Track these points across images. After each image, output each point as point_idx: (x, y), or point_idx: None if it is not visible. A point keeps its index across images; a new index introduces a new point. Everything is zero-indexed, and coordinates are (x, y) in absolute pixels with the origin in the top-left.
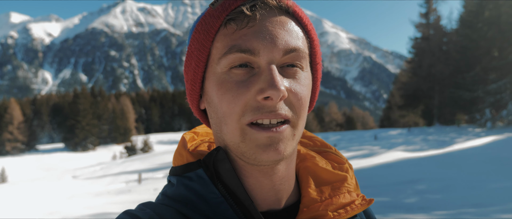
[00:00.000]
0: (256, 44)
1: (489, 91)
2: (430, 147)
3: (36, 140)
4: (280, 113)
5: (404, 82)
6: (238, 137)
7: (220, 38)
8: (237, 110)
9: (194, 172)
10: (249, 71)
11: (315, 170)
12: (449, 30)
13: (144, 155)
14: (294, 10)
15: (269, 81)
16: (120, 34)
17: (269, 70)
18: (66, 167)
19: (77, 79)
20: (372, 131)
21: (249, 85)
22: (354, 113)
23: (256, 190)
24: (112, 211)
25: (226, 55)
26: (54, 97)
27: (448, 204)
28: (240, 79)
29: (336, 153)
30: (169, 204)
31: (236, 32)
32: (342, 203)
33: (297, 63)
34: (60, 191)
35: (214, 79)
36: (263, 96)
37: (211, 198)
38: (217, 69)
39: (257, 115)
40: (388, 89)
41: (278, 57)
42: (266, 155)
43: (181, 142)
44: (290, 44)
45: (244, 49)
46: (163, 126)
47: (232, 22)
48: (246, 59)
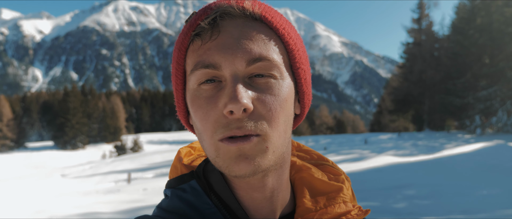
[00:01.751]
0: (218, 58)
1: (479, 98)
2: (420, 152)
3: (25, 138)
4: (246, 129)
5: (395, 87)
6: (213, 152)
7: (190, 55)
8: (209, 127)
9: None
10: (216, 85)
11: (311, 181)
12: (441, 36)
13: (133, 155)
14: (261, 15)
15: (230, 95)
16: (111, 32)
17: (231, 82)
18: (55, 166)
19: (67, 77)
20: (362, 135)
21: (216, 100)
22: (345, 116)
23: (248, 201)
24: (100, 211)
25: (193, 71)
26: (44, 94)
27: (436, 210)
28: (209, 94)
29: (333, 166)
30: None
31: (201, 47)
32: (338, 213)
33: (266, 73)
34: (48, 190)
35: (188, 96)
36: (227, 111)
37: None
38: (189, 85)
39: (226, 132)
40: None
41: (241, 68)
42: (237, 167)
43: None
44: (254, 53)
45: (207, 64)
46: (154, 126)
47: (197, 38)
48: (211, 74)
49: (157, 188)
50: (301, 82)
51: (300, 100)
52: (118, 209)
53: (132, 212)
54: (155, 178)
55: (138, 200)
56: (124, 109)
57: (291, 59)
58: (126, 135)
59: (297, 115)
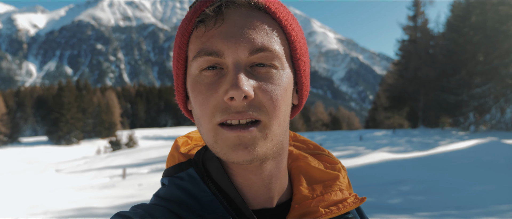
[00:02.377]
0: (221, 46)
1: (473, 95)
2: (414, 148)
3: (19, 133)
4: (247, 114)
5: (390, 84)
6: (211, 138)
7: (193, 41)
8: (208, 112)
9: (185, 171)
10: (218, 72)
11: (307, 169)
12: (436, 34)
13: (128, 150)
14: (265, 5)
15: (231, 82)
16: (107, 27)
17: (232, 70)
18: (49, 161)
19: (62, 72)
20: (357, 131)
21: (217, 87)
22: (340, 113)
23: (246, 188)
24: (95, 206)
25: (196, 58)
26: (38, 89)
27: (431, 205)
28: (210, 81)
29: (329, 155)
30: (161, 204)
31: (205, 34)
32: (334, 200)
33: (268, 63)
34: (43, 185)
35: (189, 81)
36: (227, 97)
37: (202, 196)
38: (191, 71)
39: (225, 115)
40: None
41: (243, 57)
42: (235, 155)
43: (174, 144)
44: (257, 44)
45: (210, 52)
46: (149, 122)
47: (201, 24)
48: (213, 61)
49: (152, 183)
50: (301, 73)
51: (299, 91)
52: (114, 204)
53: (127, 206)
54: (150, 174)
55: (133, 195)
56: (119, 104)
57: (292, 50)
58: (121, 131)
59: (294, 106)
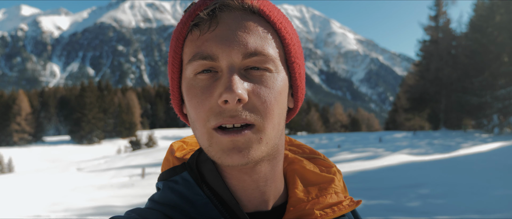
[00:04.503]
0: (216, 49)
1: (497, 97)
2: (435, 151)
3: (43, 132)
4: (241, 117)
5: (411, 85)
6: (206, 141)
7: (187, 44)
8: (203, 115)
9: (179, 175)
10: (212, 75)
11: (302, 172)
12: (458, 34)
13: (148, 150)
14: (260, 9)
15: (225, 85)
16: (128, 29)
17: (227, 74)
18: (71, 159)
19: (84, 73)
20: (377, 133)
21: (212, 90)
22: (359, 114)
23: (241, 191)
24: (114, 204)
25: (190, 62)
26: (61, 89)
27: (451, 209)
28: (204, 84)
29: (324, 159)
30: (156, 208)
31: (200, 37)
32: (329, 203)
33: (262, 66)
34: (64, 183)
35: (184, 85)
36: (221, 100)
37: (196, 199)
38: (186, 75)
39: (219, 119)
40: (394, 91)
41: (237, 60)
42: (230, 159)
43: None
44: (251, 47)
45: (205, 56)
46: (168, 122)
47: (196, 28)
48: (208, 65)
49: None
50: (296, 77)
51: (294, 94)
52: (132, 203)
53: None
54: None
55: (152, 194)
56: (139, 104)
57: (286, 53)
58: (141, 131)
59: (290, 109)
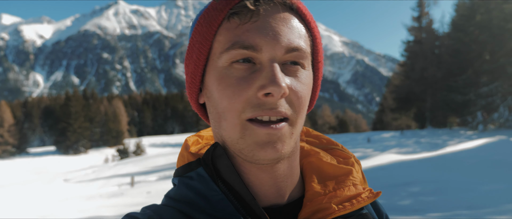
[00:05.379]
0: (259, 41)
1: (480, 94)
2: (423, 149)
3: (27, 143)
4: (280, 111)
5: (397, 85)
6: (237, 133)
7: (222, 32)
8: (238, 106)
9: (195, 171)
10: (250, 67)
11: (319, 165)
12: (441, 34)
13: (136, 158)
14: (297, 6)
15: (270, 78)
16: (112, 36)
17: (271, 67)
18: (57, 170)
19: (69, 82)
20: (365, 134)
21: (250, 81)
22: (347, 116)
23: (258, 187)
24: (104, 215)
25: (228, 50)
26: (45, 99)
27: (442, 206)
28: (241, 74)
29: (342, 150)
30: (171, 205)
31: (239, 27)
32: (347, 196)
33: (299, 61)
34: (51, 195)
35: (214, 73)
36: (264, 92)
37: (212, 195)
38: (218, 63)
39: (257, 111)
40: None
41: (280, 54)
42: (264, 152)
43: (184, 144)
44: (293, 43)
45: (247, 46)
46: (156, 129)
47: (236, 16)
48: (248, 55)
49: (161, 190)
50: (318, 76)
51: (312, 93)
52: (122, 212)
53: None
54: (158, 181)
55: (142, 203)
56: (126, 112)
57: (314, 52)
58: (128, 139)
59: None
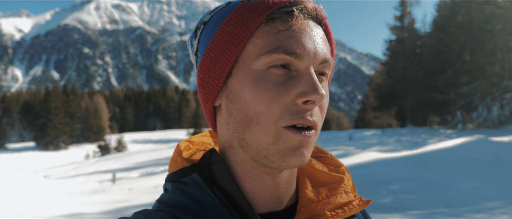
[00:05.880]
0: (302, 49)
1: (460, 94)
2: (404, 147)
3: (6, 139)
4: (314, 120)
5: (379, 84)
6: (271, 139)
7: (260, 35)
8: (276, 112)
9: (189, 176)
10: (287, 72)
11: (311, 172)
12: (423, 34)
13: (118, 155)
14: (325, 23)
15: (312, 85)
16: (93, 31)
17: (310, 74)
18: (37, 167)
19: (48, 77)
20: (347, 131)
21: (289, 87)
22: (329, 113)
23: (259, 193)
24: (86, 211)
25: (269, 53)
26: (24, 94)
27: (421, 204)
28: (279, 80)
29: (332, 158)
30: (165, 210)
31: (280, 32)
32: (340, 203)
33: (326, 72)
34: (31, 191)
35: (247, 76)
36: (305, 99)
37: (207, 201)
38: (253, 65)
39: (296, 118)
40: (362, 90)
41: (316, 64)
42: (294, 158)
43: (176, 149)
44: (327, 55)
45: (290, 51)
46: (138, 125)
47: (277, 21)
48: (288, 61)
49: (143, 187)
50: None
51: None
52: (104, 209)
53: (118, 212)
54: (140, 178)
55: (124, 200)
56: (107, 108)
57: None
58: (109, 135)
59: None
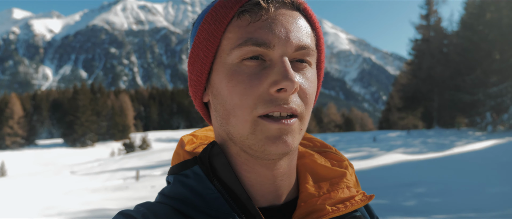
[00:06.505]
0: (272, 38)
1: (490, 94)
2: (430, 150)
3: (36, 135)
4: (291, 107)
5: (404, 84)
6: (248, 129)
7: (232, 29)
8: (249, 102)
9: (190, 169)
10: (260, 63)
11: (313, 167)
12: (449, 32)
13: (142, 152)
14: (304, 7)
15: (283, 73)
16: (120, 31)
17: (282, 62)
18: (64, 163)
19: (77, 76)
20: (371, 132)
21: (262, 78)
22: (353, 114)
23: (256, 186)
24: (108, 207)
25: (240, 46)
26: (54, 92)
27: (447, 208)
28: (252, 71)
29: (336, 153)
30: (166, 202)
31: (251, 24)
32: (341, 198)
33: (306, 59)
34: (57, 186)
35: (223, 70)
36: (277, 88)
37: (207, 194)
38: (227, 60)
39: (269, 107)
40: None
41: (290, 51)
42: (275, 147)
43: (179, 142)
44: (302, 41)
45: (260, 42)
46: (162, 124)
47: (246, 14)
48: (259, 52)
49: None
50: (320, 75)
51: None
52: (126, 205)
53: None
54: (163, 176)
55: (146, 197)
56: (132, 107)
57: (318, 52)
58: (134, 133)
59: None
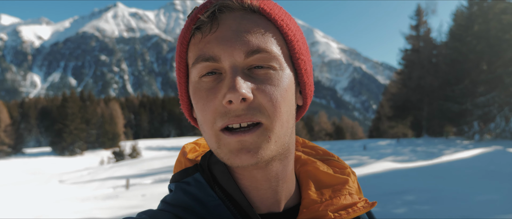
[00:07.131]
0: (217, 50)
1: (477, 104)
2: (419, 158)
3: (23, 144)
4: (246, 117)
5: (394, 93)
6: (214, 143)
7: (191, 48)
8: (209, 117)
9: (192, 176)
10: (216, 77)
11: (316, 174)
12: (439, 43)
13: (132, 161)
14: (260, 7)
15: (228, 85)
16: (111, 38)
17: (230, 74)
18: (53, 171)
19: (66, 83)
20: (361, 141)
21: (216, 92)
22: (344, 123)
23: (253, 191)
24: (98, 216)
25: (194, 65)
26: (42, 100)
27: (436, 215)
28: (209, 86)
29: (338, 161)
30: (168, 210)
31: (202, 40)
32: (343, 205)
33: (265, 64)
34: (46, 195)
35: (191, 88)
36: (225, 101)
37: (209, 201)
38: (191, 78)
39: (225, 120)
40: (377, 99)
41: (240, 60)
42: (238, 159)
43: (181, 151)
44: (252, 45)
45: (208, 57)
46: (152, 132)
47: (198, 31)
48: (211, 66)
49: (156, 194)
50: (302, 73)
51: (302, 91)
52: (117, 214)
53: None
54: (153, 184)
55: (137, 206)
56: (122, 115)
57: (290, 50)
58: (124, 141)
59: (299, 107)
